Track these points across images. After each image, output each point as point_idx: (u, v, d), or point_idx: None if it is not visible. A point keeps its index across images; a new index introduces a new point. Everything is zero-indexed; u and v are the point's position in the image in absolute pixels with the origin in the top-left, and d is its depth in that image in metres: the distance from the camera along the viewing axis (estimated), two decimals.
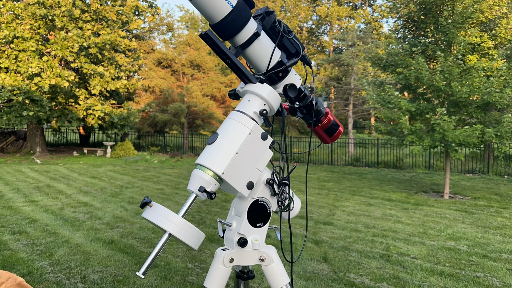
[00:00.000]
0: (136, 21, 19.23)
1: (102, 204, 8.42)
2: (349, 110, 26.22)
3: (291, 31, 1.33)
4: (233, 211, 1.37)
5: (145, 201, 1.18)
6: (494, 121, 9.44)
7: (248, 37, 1.24)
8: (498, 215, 7.94)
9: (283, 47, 1.33)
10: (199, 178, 1.21)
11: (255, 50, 1.27)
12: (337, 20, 37.67)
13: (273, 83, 1.34)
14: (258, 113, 1.28)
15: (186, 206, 1.21)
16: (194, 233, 1.19)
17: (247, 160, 1.25)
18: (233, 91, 1.39)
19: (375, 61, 11.12)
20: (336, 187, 11.43)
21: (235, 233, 1.31)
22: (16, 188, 10.19)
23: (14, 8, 16.53)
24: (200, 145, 22.28)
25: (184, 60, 28.05)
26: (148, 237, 6.04)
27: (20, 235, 6.08)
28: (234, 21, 1.20)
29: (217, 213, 7.68)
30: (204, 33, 1.22)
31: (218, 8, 1.18)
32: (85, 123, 19.10)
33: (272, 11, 1.31)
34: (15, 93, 16.19)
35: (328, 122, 1.48)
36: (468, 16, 9.56)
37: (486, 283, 4.49)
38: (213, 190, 1.21)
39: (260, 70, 1.32)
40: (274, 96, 1.31)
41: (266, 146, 1.29)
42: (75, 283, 4.32)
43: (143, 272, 1.13)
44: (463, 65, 9.28)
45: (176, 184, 11.39)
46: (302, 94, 1.40)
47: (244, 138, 1.24)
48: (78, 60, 17.06)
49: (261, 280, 4.34)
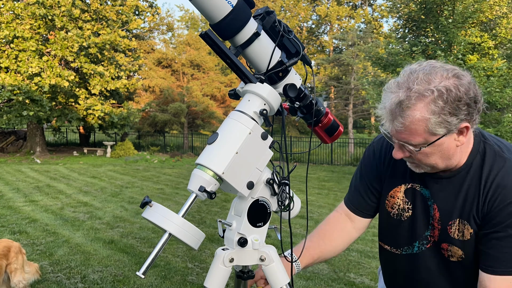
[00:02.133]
0: (136, 20, 19.22)
1: (102, 204, 8.42)
2: (349, 110, 26.24)
3: (291, 30, 1.33)
4: (233, 211, 1.37)
5: (145, 201, 1.18)
6: (494, 121, 9.45)
7: (248, 37, 1.24)
8: None
9: (283, 46, 1.33)
10: (199, 178, 1.21)
11: (255, 50, 1.27)
12: (337, 20, 37.68)
13: (273, 83, 1.34)
14: (258, 113, 1.28)
15: (186, 206, 1.21)
16: (194, 233, 1.19)
17: (247, 160, 1.25)
18: (233, 90, 1.39)
19: (375, 60, 11.12)
20: (336, 187, 11.44)
21: (235, 233, 1.31)
22: (16, 188, 10.19)
23: (14, 8, 16.53)
24: (200, 145, 22.28)
25: (184, 60, 28.07)
26: (148, 237, 6.04)
27: (20, 235, 6.08)
28: (234, 21, 1.20)
29: (217, 213, 7.68)
30: (204, 33, 1.22)
31: (218, 8, 1.18)
32: (85, 123, 19.11)
33: (272, 11, 1.31)
34: (15, 93, 16.19)
35: (328, 122, 1.48)
36: (468, 16, 9.57)
37: None
38: (213, 190, 1.21)
39: (260, 70, 1.32)
40: (274, 96, 1.31)
41: (266, 146, 1.29)
42: (75, 283, 4.32)
43: (143, 272, 1.13)
44: (463, 65, 9.28)
45: (176, 184, 11.40)
46: (302, 94, 1.40)
47: (244, 138, 1.24)
48: (78, 60, 17.06)
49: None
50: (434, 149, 1.27)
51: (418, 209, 1.42)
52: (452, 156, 1.30)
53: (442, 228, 1.37)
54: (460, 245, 1.35)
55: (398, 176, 1.48)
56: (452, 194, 1.35)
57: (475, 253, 1.34)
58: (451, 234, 1.35)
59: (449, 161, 1.31)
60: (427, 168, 1.35)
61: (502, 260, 1.26)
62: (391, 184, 1.50)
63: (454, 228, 1.35)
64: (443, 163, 1.32)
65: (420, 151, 1.27)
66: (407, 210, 1.45)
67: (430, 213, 1.40)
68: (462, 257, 1.37)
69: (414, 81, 1.23)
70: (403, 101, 1.22)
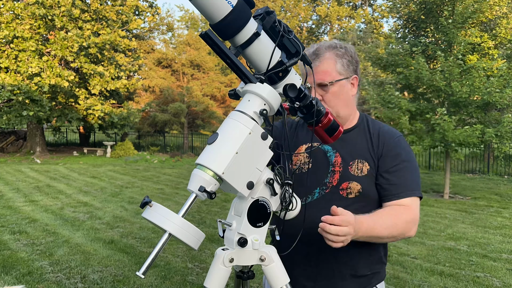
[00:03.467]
0: (136, 21, 19.22)
1: (102, 204, 8.42)
2: None
3: (291, 30, 1.33)
4: (233, 211, 1.37)
5: (145, 201, 1.18)
6: (494, 121, 9.44)
7: (248, 37, 1.24)
8: (498, 215, 7.94)
9: (283, 47, 1.33)
10: (199, 178, 1.21)
11: (255, 50, 1.27)
12: (337, 20, 37.67)
13: (273, 83, 1.35)
14: (258, 113, 1.28)
15: (186, 206, 1.21)
16: (194, 233, 1.19)
17: (247, 160, 1.25)
18: (233, 91, 1.39)
19: (375, 61, 11.11)
20: None
21: (235, 233, 1.31)
22: (16, 188, 10.19)
23: (14, 8, 16.53)
24: (200, 145, 22.27)
25: (184, 60, 28.05)
26: (148, 237, 6.04)
27: (20, 235, 6.08)
28: (234, 21, 1.20)
29: (217, 213, 7.68)
30: (204, 33, 1.22)
31: (218, 8, 1.18)
32: (85, 123, 19.10)
33: (272, 11, 1.31)
34: (15, 93, 16.19)
35: (328, 122, 1.48)
36: (468, 16, 9.56)
37: (486, 283, 4.49)
38: (213, 190, 1.21)
39: (260, 70, 1.32)
40: (274, 96, 1.31)
41: (266, 146, 1.29)
42: (75, 283, 4.32)
43: (143, 272, 1.13)
44: (463, 65, 9.28)
45: (176, 184, 11.40)
46: (302, 94, 1.40)
47: (244, 138, 1.24)
48: (78, 60, 17.06)
49: (261, 280, 4.35)
50: (339, 89, 1.65)
51: (318, 161, 1.70)
52: (349, 103, 1.70)
53: (343, 169, 1.66)
54: (359, 180, 1.64)
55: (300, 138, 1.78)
56: (350, 144, 1.70)
57: (370, 188, 1.65)
58: (352, 171, 1.65)
59: (347, 108, 1.69)
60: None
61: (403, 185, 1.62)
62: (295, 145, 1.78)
63: (354, 167, 1.65)
64: (343, 109, 1.68)
65: (330, 90, 1.64)
66: (307, 163, 1.71)
67: (330, 162, 1.69)
68: (360, 191, 1.64)
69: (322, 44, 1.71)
70: (317, 49, 1.68)
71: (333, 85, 1.64)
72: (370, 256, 1.70)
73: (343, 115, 1.70)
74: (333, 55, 1.66)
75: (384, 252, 1.76)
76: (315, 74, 1.61)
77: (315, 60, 1.65)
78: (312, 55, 1.66)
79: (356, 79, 1.71)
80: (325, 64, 1.65)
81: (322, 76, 1.64)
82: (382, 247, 1.74)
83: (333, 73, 1.65)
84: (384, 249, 1.77)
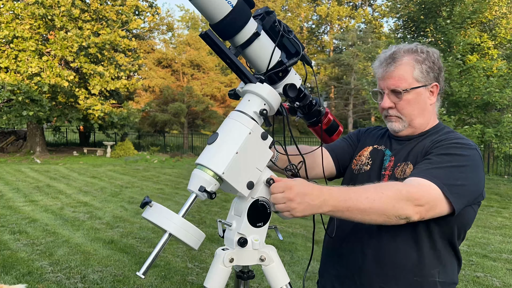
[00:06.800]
0: (136, 20, 19.20)
1: (102, 204, 8.42)
2: (349, 110, 26.25)
3: (291, 30, 1.33)
4: (233, 211, 1.37)
5: (145, 201, 1.18)
6: (494, 121, 9.45)
7: (248, 37, 1.24)
8: (498, 215, 7.94)
9: (283, 46, 1.33)
10: (199, 178, 1.21)
11: (255, 50, 1.28)
12: (337, 20, 37.69)
13: (273, 83, 1.35)
14: (258, 113, 1.28)
15: (186, 206, 1.21)
16: (194, 233, 1.19)
17: (247, 160, 1.25)
18: (233, 91, 1.39)
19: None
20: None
21: (235, 233, 1.31)
22: (16, 188, 10.19)
23: (14, 8, 16.53)
24: (200, 144, 22.27)
25: (184, 60, 28.06)
26: (148, 237, 6.04)
27: (20, 235, 6.08)
28: (234, 21, 1.20)
29: (217, 213, 7.68)
30: (204, 33, 1.22)
31: (218, 8, 1.18)
32: (86, 122, 19.09)
33: (272, 11, 1.31)
34: (15, 93, 16.19)
35: (328, 122, 1.49)
36: (467, 16, 9.57)
37: (486, 283, 4.49)
38: (213, 190, 1.21)
39: (260, 70, 1.33)
40: (274, 95, 1.31)
41: (266, 146, 1.29)
42: (75, 283, 4.32)
43: (143, 272, 1.13)
44: (462, 65, 9.28)
45: (176, 184, 11.39)
46: (302, 93, 1.41)
47: (244, 138, 1.24)
48: (77, 60, 17.05)
49: (261, 280, 4.34)
50: (415, 97, 1.53)
51: (375, 164, 1.65)
52: (425, 112, 1.58)
53: (391, 173, 1.58)
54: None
55: (368, 141, 1.75)
56: (407, 149, 1.60)
57: None
58: (396, 174, 1.56)
59: (422, 117, 1.58)
60: (405, 122, 1.57)
61: (425, 170, 1.42)
62: (362, 146, 1.75)
63: (399, 169, 1.56)
64: (418, 118, 1.57)
65: (404, 97, 1.53)
66: (367, 164, 1.67)
67: (384, 165, 1.62)
68: None
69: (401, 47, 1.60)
70: (395, 52, 1.56)
71: (408, 92, 1.53)
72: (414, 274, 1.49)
73: (417, 124, 1.58)
74: (412, 60, 1.53)
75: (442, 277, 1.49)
76: (388, 79, 1.53)
77: (391, 64, 1.54)
78: (388, 59, 1.56)
79: (437, 87, 1.57)
80: (401, 69, 1.53)
81: (397, 82, 1.53)
82: (438, 270, 1.49)
83: (409, 80, 1.52)
84: (444, 273, 1.50)
